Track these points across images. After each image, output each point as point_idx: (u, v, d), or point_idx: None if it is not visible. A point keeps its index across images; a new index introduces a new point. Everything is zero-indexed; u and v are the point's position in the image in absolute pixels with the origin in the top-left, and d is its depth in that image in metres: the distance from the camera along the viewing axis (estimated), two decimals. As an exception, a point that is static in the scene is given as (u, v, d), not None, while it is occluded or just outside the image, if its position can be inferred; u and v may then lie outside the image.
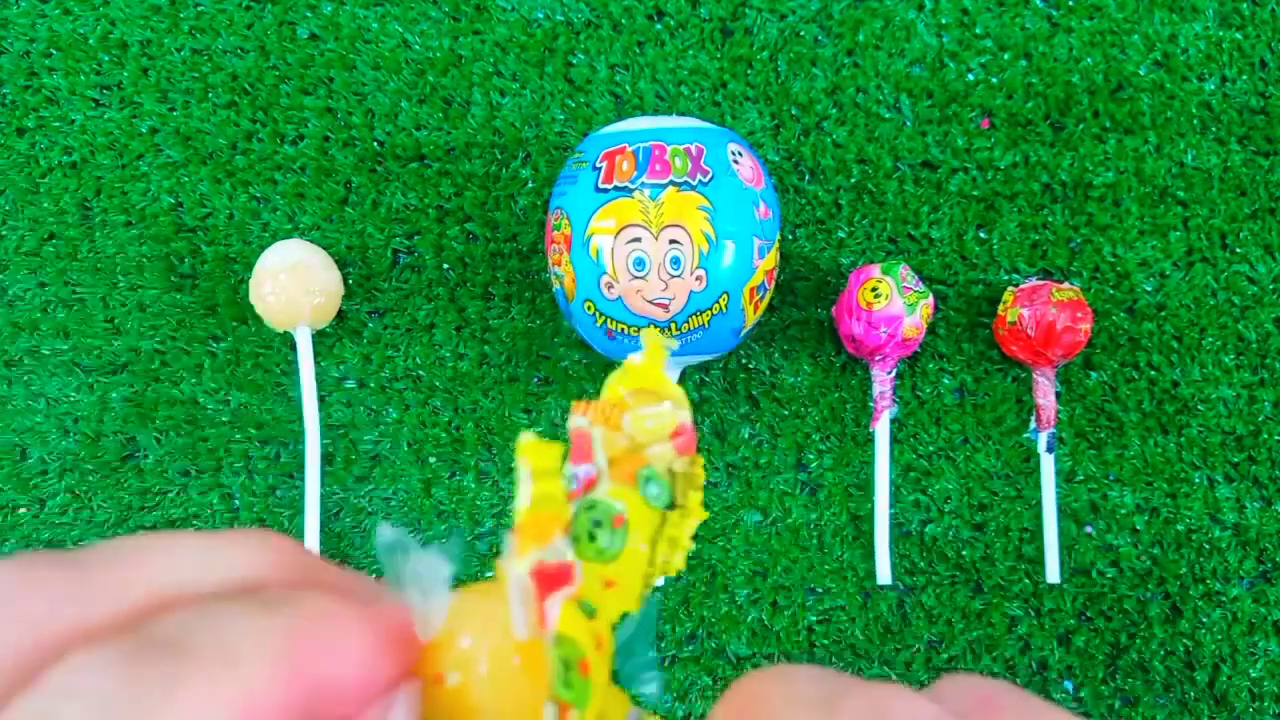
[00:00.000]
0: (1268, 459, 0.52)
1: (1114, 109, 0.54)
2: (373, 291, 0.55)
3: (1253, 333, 0.53)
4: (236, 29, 0.56)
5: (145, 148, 0.56)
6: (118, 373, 0.56)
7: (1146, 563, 0.52)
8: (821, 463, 0.53)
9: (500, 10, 0.56)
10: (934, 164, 0.54)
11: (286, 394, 0.55)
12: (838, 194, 0.55)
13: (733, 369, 0.54)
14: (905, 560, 0.53)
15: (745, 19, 0.55)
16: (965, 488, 0.53)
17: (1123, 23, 0.54)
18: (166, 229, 0.56)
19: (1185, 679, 0.52)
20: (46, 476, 0.55)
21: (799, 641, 0.53)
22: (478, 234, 0.55)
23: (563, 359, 0.55)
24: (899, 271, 0.50)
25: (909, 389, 0.54)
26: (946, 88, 0.54)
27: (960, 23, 0.55)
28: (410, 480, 0.54)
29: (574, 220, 0.46)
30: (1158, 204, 0.54)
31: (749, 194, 0.46)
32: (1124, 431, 0.53)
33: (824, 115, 0.55)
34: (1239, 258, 0.53)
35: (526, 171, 0.55)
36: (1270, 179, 0.54)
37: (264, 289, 0.51)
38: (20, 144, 0.57)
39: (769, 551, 0.53)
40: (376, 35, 0.56)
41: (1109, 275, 0.54)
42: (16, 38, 0.57)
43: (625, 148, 0.46)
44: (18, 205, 0.56)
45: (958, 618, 0.52)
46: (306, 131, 0.56)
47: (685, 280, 0.45)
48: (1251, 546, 0.52)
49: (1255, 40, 0.54)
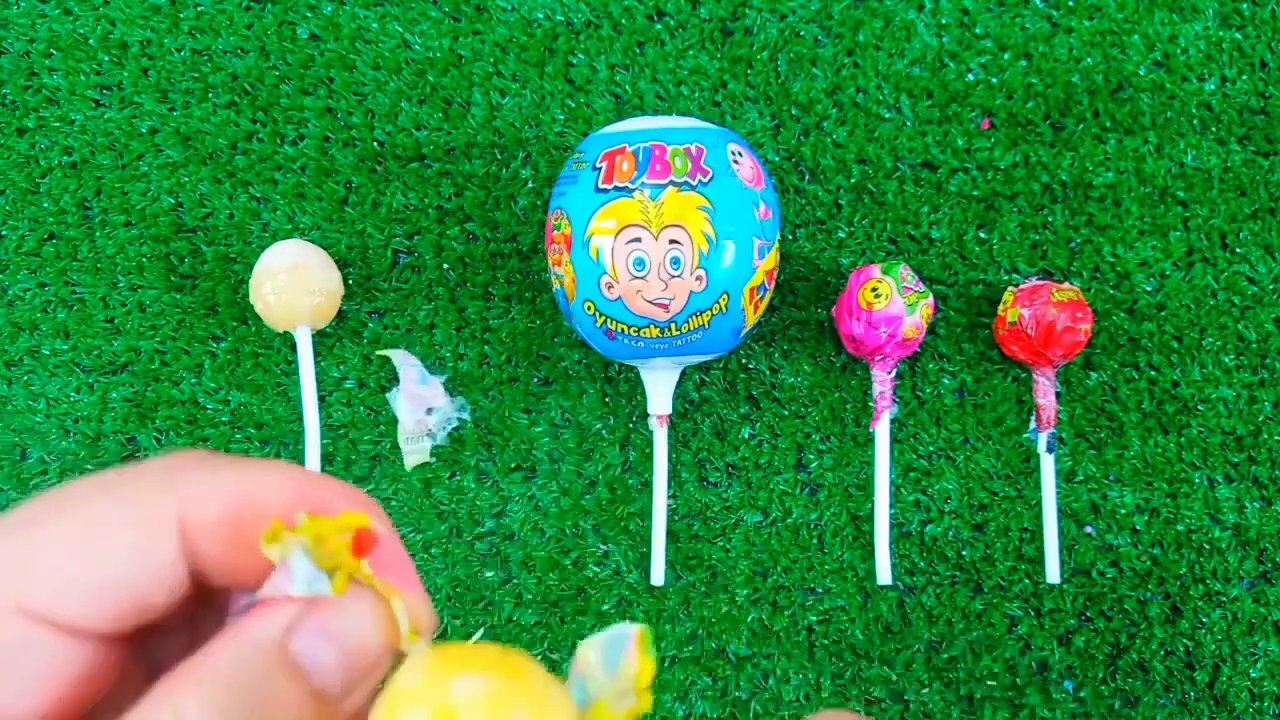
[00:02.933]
0: (1268, 459, 0.52)
1: (1114, 109, 0.54)
2: (373, 291, 0.55)
3: (1253, 333, 0.53)
4: (236, 29, 0.56)
5: (145, 148, 0.56)
6: (118, 373, 0.56)
7: (1146, 563, 0.52)
8: (821, 463, 0.53)
9: (500, 10, 0.56)
10: (934, 164, 0.54)
11: (286, 394, 0.55)
12: (838, 194, 0.55)
13: (733, 369, 0.54)
14: (905, 560, 0.53)
15: (745, 19, 0.55)
16: (965, 488, 0.53)
17: (1123, 23, 0.54)
18: (166, 229, 0.56)
19: (1185, 679, 0.52)
20: (46, 476, 0.55)
21: (799, 641, 0.53)
22: (478, 234, 0.55)
23: (563, 359, 0.55)
24: (899, 271, 0.50)
25: (909, 389, 0.54)
26: (946, 88, 0.54)
27: (960, 23, 0.55)
28: (410, 480, 0.54)
29: (574, 220, 0.46)
30: (1158, 204, 0.54)
31: (749, 194, 0.46)
32: (1124, 431, 0.53)
33: (824, 115, 0.55)
34: (1239, 258, 0.53)
35: (526, 171, 0.55)
36: (1270, 179, 0.54)
37: (264, 289, 0.51)
38: (20, 144, 0.57)
39: (769, 551, 0.53)
40: (376, 35, 0.56)
41: (1109, 275, 0.54)
42: (16, 38, 0.57)
43: (625, 148, 0.46)
44: (18, 205, 0.56)
45: (958, 618, 0.52)
46: (306, 131, 0.56)
47: (685, 280, 0.45)
48: (1251, 546, 0.52)
49: (1255, 40, 0.54)
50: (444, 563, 0.54)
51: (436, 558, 0.54)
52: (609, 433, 0.54)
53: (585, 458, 0.54)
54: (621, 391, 0.54)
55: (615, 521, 0.54)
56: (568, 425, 0.54)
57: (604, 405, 0.54)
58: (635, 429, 0.54)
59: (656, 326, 0.46)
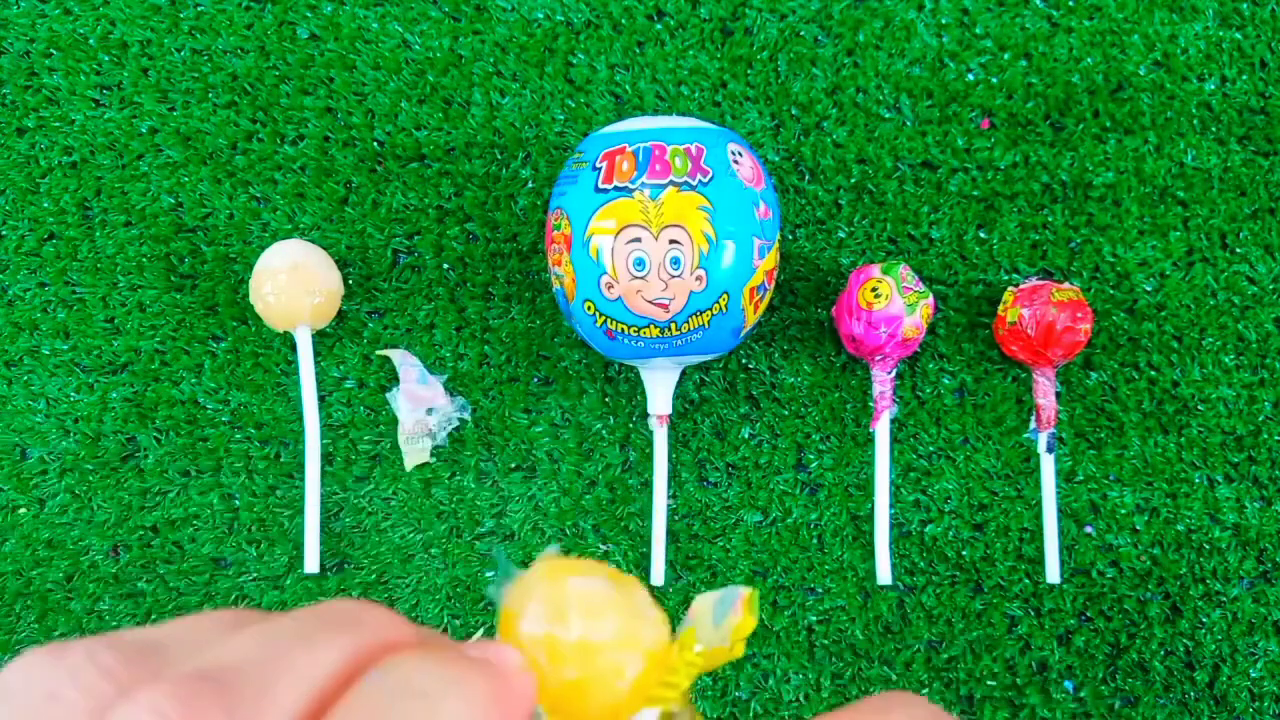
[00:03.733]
0: (1268, 459, 0.52)
1: (1114, 109, 0.54)
2: (373, 291, 0.55)
3: (1253, 333, 0.53)
4: (236, 29, 0.56)
5: (145, 148, 0.56)
6: (118, 373, 0.56)
7: (1146, 563, 0.52)
8: (821, 463, 0.53)
9: (500, 10, 0.56)
10: (934, 164, 0.54)
11: (286, 394, 0.55)
12: (838, 194, 0.55)
13: (733, 369, 0.54)
14: (905, 560, 0.53)
15: (745, 19, 0.55)
16: (965, 488, 0.53)
17: (1123, 23, 0.54)
18: (166, 229, 0.56)
19: (1185, 679, 0.52)
20: (46, 476, 0.55)
21: (799, 642, 0.53)
22: (478, 234, 0.55)
23: (563, 359, 0.55)
24: (899, 271, 0.50)
25: (909, 389, 0.54)
26: (946, 88, 0.54)
27: (960, 23, 0.55)
28: (410, 480, 0.54)
29: (574, 220, 0.46)
30: (1158, 204, 0.54)
31: (749, 194, 0.46)
32: (1124, 431, 0.53)
33: (824, 115, 0.55)
34: (1239, 258, 0.53)
35: (526, 171, 0.55)
36: (1270, 179, 0.54)
37: (264, 289, 0.51)
38: (20, 144, 0.57)
39: (769, 551, 0.53)
40: (376, 35, 0.56)
41: (1109, 275, 0.54)
42: (16, 38, 0.57)
43: (625, 148, 0.46)
44: (18, 205, 0.56)
45: (958, 618, 0.52)
46: (306, 131, 0.56)
47: (685, 280, 0.45)
48: (1251, 546, 0.52)
49: (1255, 40, 0.54)
50: (444, 563, 0.54)
51: (436, 558, 0.54)
52: (609, 433, 0.54)
53: (585, 458, 0.54)
54: (621, 391, 0.54)
55: (615, 521, 0.54)
56: (568, 425, 0.54)
57: (604, 405, 0.54)
58: (635, 429, 0.54)
59: (656, 326, 0.46)
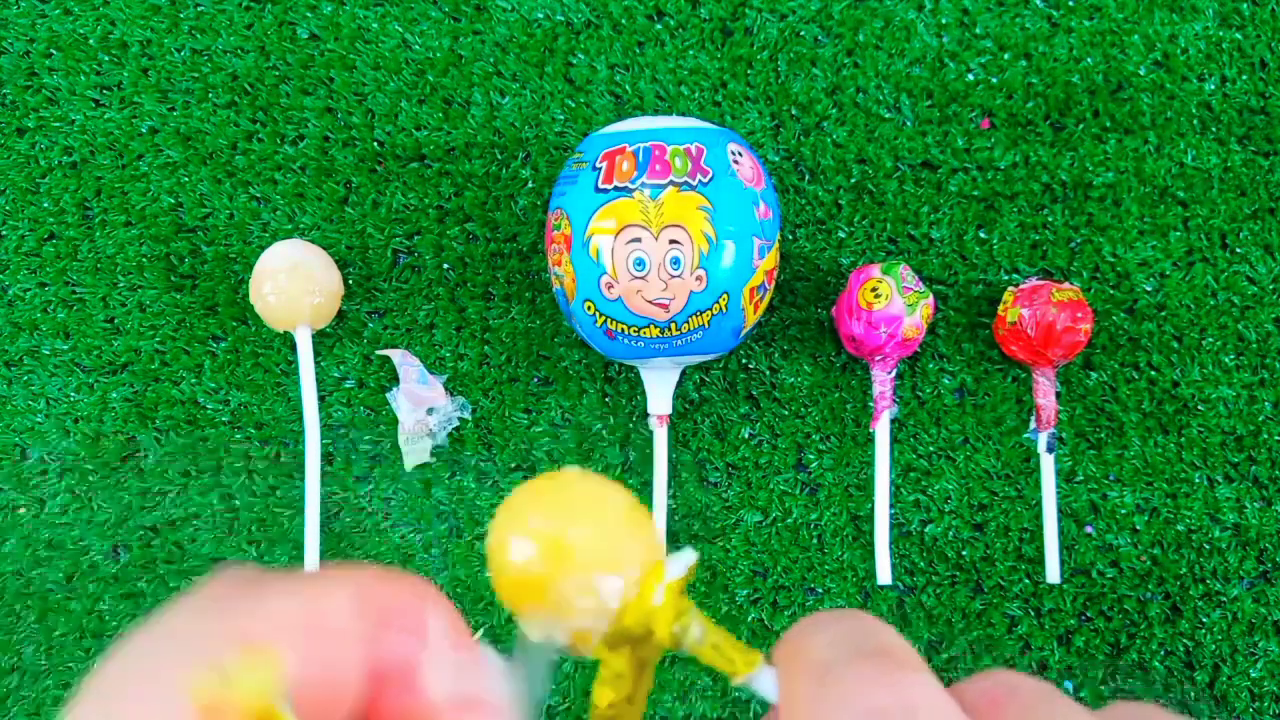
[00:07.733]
0: (1268, 459, 0.52)
1: (1114, 109, 0.54)
2: (373, 291, 0.55)
3: (1253, 333, 0.53)
4: (236, 29, 0.56)
5: (145, 148, 0.56)
6: (118, 373, 0.56)
7: (1146, 563, 0.52)
8: (821, 463, 0.53)
9: (500, 10, 0.56)
10: (934, 164, 0.54)
11: (286, 394, 0.55)
12: (838, 194, 0.55)
13: (733, 369, 0.54)
14: (905, 560, 0.53)
15: (745, 19, 0.55)
16: (965, 488, 0.53)
17: (1123, 23, 0.54)
18: (166, 229, 0.56)
19: (1185, 679, 0.52)
20: (46, 476, 0.55)
21: (799, 641, 0.53)
22: (478, 234, 0.55)
23: (563, 359, 0.55)
24: (899, 271, 0.50)
25: (909, 389, 0.54)
26: (946, 88, 0.54)
27: (960, 23, 0.55)
28: (410, 480, 0.54)
29: (574, 220, 0.46)
30: (1158, 204, 0.54)
31: (749, 194, 0.46)
32: (1124, 431, 0.53)
33: (824, 115, 0.55)
34: (1239, 258, 0.53)
35: (526, 171, 0.55)
36: (1270, 179, 0.54)
37: (264, 289, 0.51)
38: (20, 144, 0.57)
39: (769, 551, 0.53)
40: (376, 35, 0.56)
41: (1109, 275, 0.54)
42: (16, 38, 0.57)
43: (625, 148, 0.46)
44: (18, 205, 0.56)
45: (958, 618, 0.52)
46: (306, 131, 0.56)
47: (685, 280, 0.45)
48: (1251, 546, 0.52)
49: (1255, 40, 0.54)
50: (444, 563, 0.54)
51: (436, 558, 0.54)
52: (609, 433, 0.54)
53: (585, 458, 0.54)
54: (621, 391, 0.54)
55: (615, 521, 0.54)
56: (568, 425, 0.54)
57: (604, 405, 0.54)
58: (635, 429, 0.54)
59: (656, 326, 0.46)
